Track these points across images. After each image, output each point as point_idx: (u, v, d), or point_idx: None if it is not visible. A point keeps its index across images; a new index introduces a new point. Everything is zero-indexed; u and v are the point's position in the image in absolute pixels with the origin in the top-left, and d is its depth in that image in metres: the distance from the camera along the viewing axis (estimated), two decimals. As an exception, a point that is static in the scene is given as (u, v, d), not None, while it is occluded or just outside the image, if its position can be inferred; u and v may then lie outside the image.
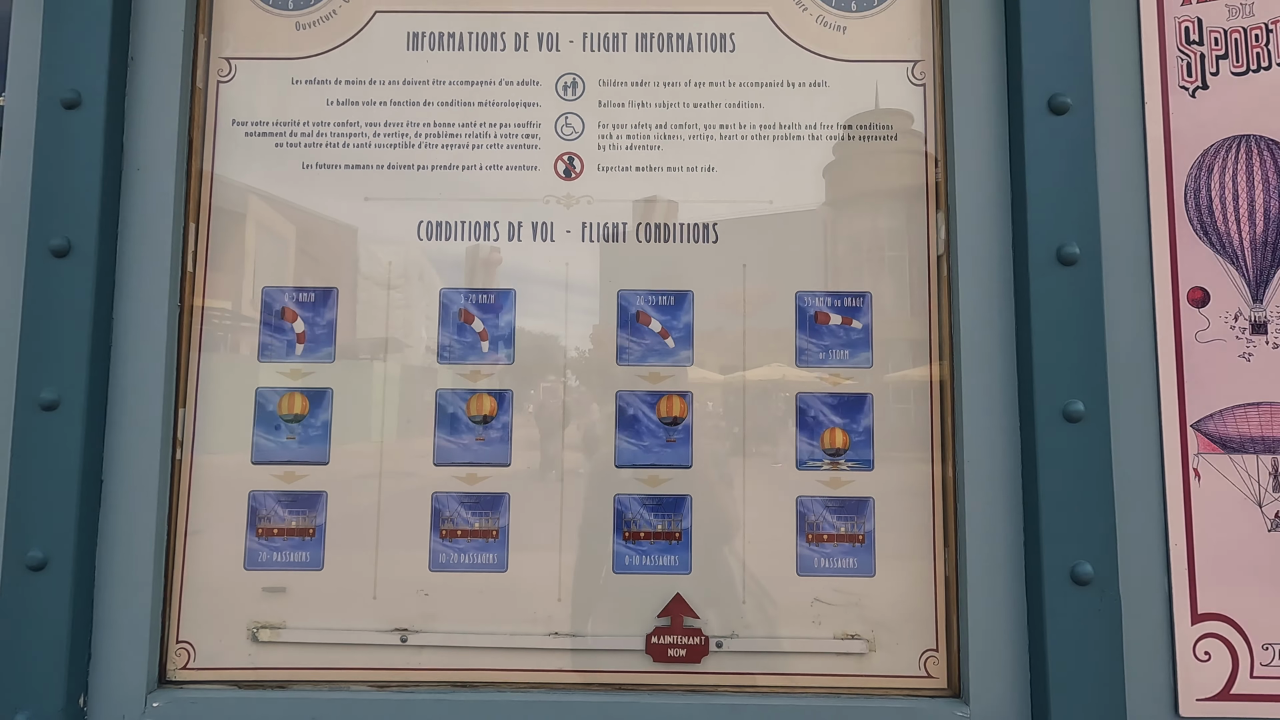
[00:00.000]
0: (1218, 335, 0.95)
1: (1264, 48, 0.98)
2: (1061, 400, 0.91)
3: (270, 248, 1.04)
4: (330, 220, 1.04)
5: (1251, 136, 0.97)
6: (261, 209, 1.04)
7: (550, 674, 0.96)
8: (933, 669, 0.96)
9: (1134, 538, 0.92)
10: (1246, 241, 0.96)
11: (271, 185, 1.03)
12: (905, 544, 0.98)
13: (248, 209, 1.03)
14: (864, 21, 1.05)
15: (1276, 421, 0.93)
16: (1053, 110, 0.94)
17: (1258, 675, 0.91)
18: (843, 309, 1.01)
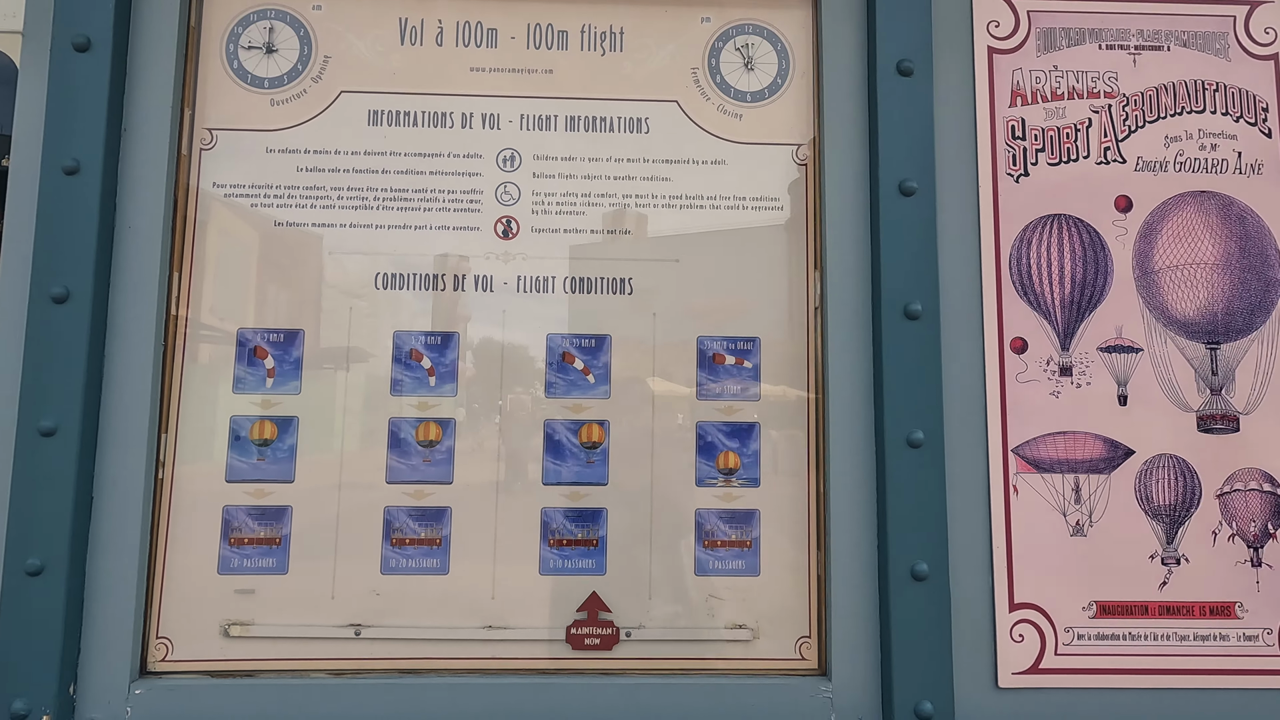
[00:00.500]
0: (1034, 377, 1.17)
1: (1073, 144, 1.21)
2: (906, 430, 1.12)
3: (245, 293, 1.19)
4: (298, 271, 1.20)
5: (1062, 215, 1.20)
6: (238, 260, 1.19)
7: (484, 661, 1.13)
8: (806, 653, 1.15)
9: (964, 542, 1.13)
10: (1057, 300, 1.18)
11: (247, 240, 1.19)
12: (785, 548, 1.18)
13: (226, 260, 1.19)
14: (757, 111, 1.25)
15: (1077, 447, 1.15)
16: (902, 192, 1.16)
17: (1060, 653, 1.12)
18: (736, 351, 1.21)
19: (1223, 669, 1.13)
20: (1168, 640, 1.13)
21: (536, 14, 1.25)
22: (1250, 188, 1.21)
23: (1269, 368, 1.18)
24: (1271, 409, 1.17)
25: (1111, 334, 1.18)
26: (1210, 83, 1.22)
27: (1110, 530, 1.14)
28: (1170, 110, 1.22)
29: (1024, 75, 1.22)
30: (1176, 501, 1.15)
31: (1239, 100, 1.22)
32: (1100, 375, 1.17)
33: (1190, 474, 1.16)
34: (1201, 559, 1.14)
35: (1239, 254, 1.19)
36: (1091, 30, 1.23)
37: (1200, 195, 1.20)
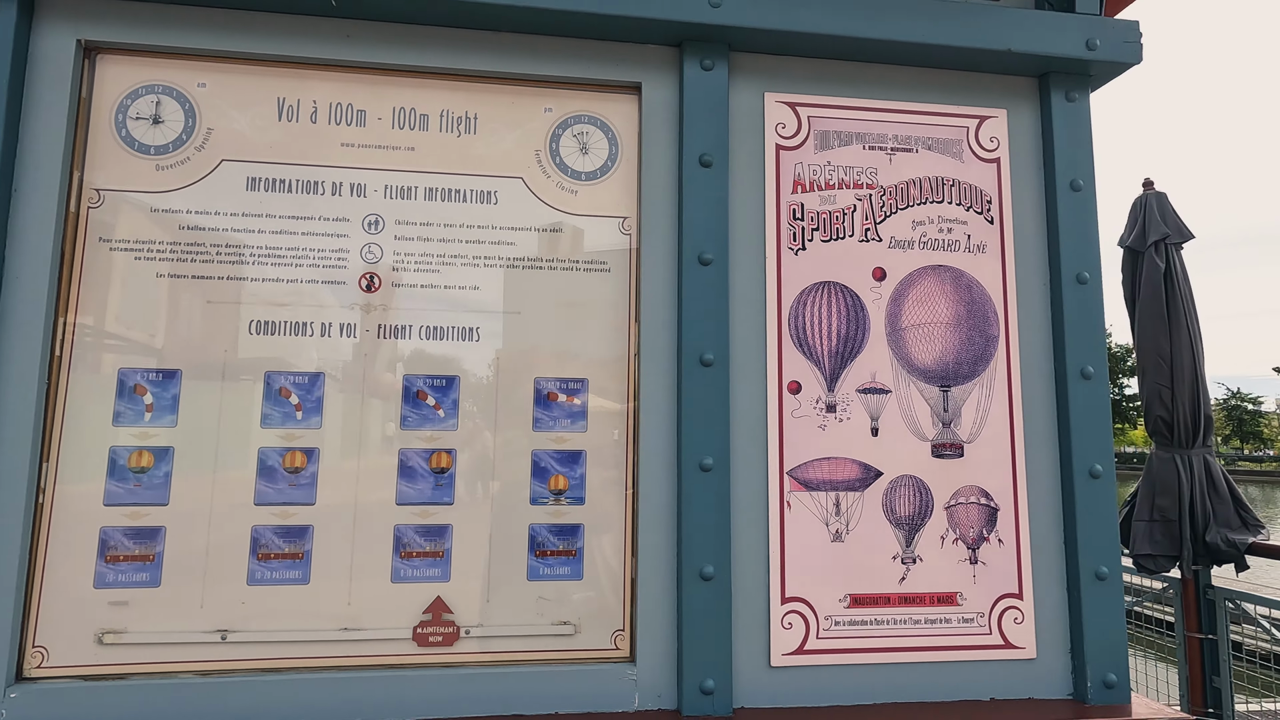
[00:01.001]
0: (806, 413, 1.44)
1: (841, 225, 1.50)
2: (699, 456, 1.37)
3: (127, 336, 1.34)
4: (178, 317, 1.36)
5: (831, 282, 1.48)
6: (120, 306, 1.34)
7: (340, 659, 1.31)
8: (619, 643, 1.38)
9: (745, 547, 1.39)
10: (826, 351, 1.46)
11: (129, 289, 1.34)
12: (604, 556, 1.40)
13: (108, 306, 1.33)
14: (590, 187, 1.50)
15: (838, 470, 1.43)
16: (701, 262, 1.42)
17: (821, 637, 1.39)
18: (567, 390, 1.44)
19: (947, 645, 1.42)
20: (905, 624, 1.42)
21: (401, 99, 1.46)
22: (976, 263, 1.53)
23: (988, 406, 1.50)
24: (988, 438, 1.49)
25: (868, 378, 1.47)
26: (948, 179, 1.55)
27: (862, 537, 1.43)
28: (917, 200, 1.53)
29: (804, 168, 1.51)
30: (914, 513, 1.45)
31: (970, 194, 1.55)
32: (858, 411, 1.46)
33: (925, 490, 1.46)
34: (932, 558, 1.44)
35: (967, 315, 1.51)
36: (857, 134, 1.53)
37: (938, 268, 1.52)
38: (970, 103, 1.58)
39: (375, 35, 1.43)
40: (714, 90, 1.47)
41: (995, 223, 1.55)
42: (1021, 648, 1.44)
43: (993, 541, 1.46)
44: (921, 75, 1.58)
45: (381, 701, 1.28)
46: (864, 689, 1.40)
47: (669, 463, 1.40)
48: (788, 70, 1.54)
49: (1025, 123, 1.59)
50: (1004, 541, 1.46)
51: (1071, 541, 1.47)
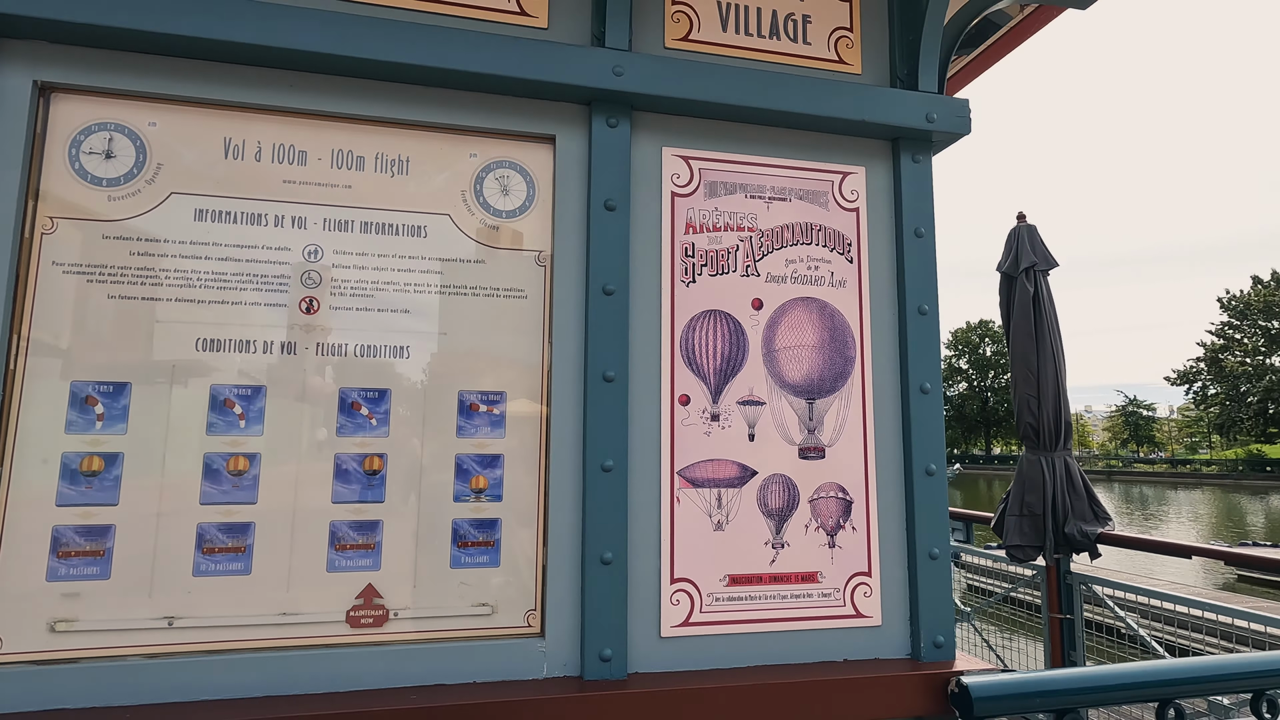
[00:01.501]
0: (694, 421, 1.70)
1: (725, 262, 1.77)
2: (601, 459, 1.60)
3: (79, 352, 1.47)
4: (129, 334, 1.49)
5: (716, 311, 1.75)
6: (72, 325, 1.47)
7: (279, 640, 1.47)
8: (531, 621, 1.60)
9: (641, 537, 1.63)
10: (711, 369, 1.73)
11: (81, 309, 1.47)
12: (519, 546, 1.62)
13: (62, 325, 1.46)
14: (510, 223, 1.71)
15: (720, 470, 1.70)
16: (605, 293, 1.66)
17: (703, 611, 1.64)
18: (488, 401, 1.65)
19: (809, 616, 1.70)
20: (774, 599, 1.69)
21: (340, 142, 1.64)
22: (838, 296, 1.83)
23: (845, 415, 1.79)
24: (846, 443, 1.78)
25: (746, 392, 1.74)
26: (816, 225, 1.84)
27: (740, 526, 1.69)
28: (789, 242, 1.82)
29: (695, 213, 1.77)
30: (783, 505, 1.72)
31: (833, 238, 1.84)
32: (737, 420, 1.72)
33: (793, 487, 1.73)
34: (798, 543, 1.72)
35: (829, 340, 1.80)
36: (741, 184, 1.81)
37: (806, 300, 1.80)
38: (835, 161, 1.88)
39: (316, 86, 1.61)
40: (618, 144, 1.71)
41: (854, 262, 1.85)
42: (870, 617, 1.74)
43: (848, 529, 1.75)
44: (796, 136, 1.87)
45: (317, 677, 1.45)
46: (740, 654, 1.66)
47: (576, 464, 1.63)
48: (683, 128, 1.80)
49: (880, 179, 1.91)
50: (857, 529, 1.76)
51: (910, 528, 1.78)
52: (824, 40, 1.92)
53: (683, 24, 1.83)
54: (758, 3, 1.89)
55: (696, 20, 1.84)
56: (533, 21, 1.73)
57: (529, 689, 1.51)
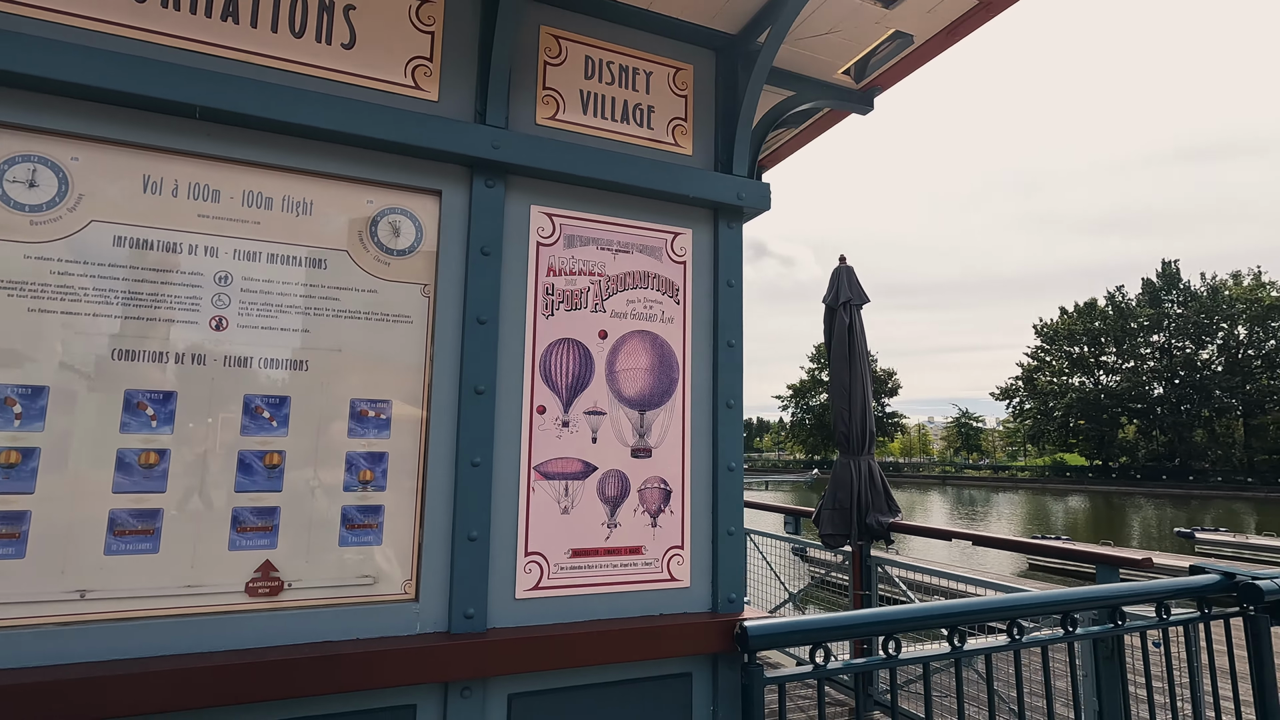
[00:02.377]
0: (548, 427, 2.13)
1: (578, 300, 2.22)
2: (471, 456, 1.99)
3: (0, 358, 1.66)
4: (47, 344, 1.70)
5: (570, 339, 2.19)
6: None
7: (184, 609, 1.73)
8: (408, 589, 1.95)
9: (502, 519, 2.03)
10: (563, 385, 2.16)
11: (2, 321, 1.66)
12: (400, 527, 1.96)
13: (-18, 334, 1.64)
14: (400, 260, 2.06)
15: (567, 466, 2.13)
16: (479, 322, 2.05)
17: (551, 578, 2.07)
18: (375, 408, 1.98)
19: (635, 580, 2.18)
20: (608, 568, 2.15)
21: (251, 184, 1.92)
22: (667, 330, 2.33)
23: (669, 423, 2.29)
24: (668, 445, 2.28)
25: (591, 404, 2.19)
26: (652, 273, 2.33)
27: (582, 510, 2.14)
28: (631, 286, 2.30)
29: (555, 259, 2.20)
30: (617, 494, 2.19)
31: (665, 284, 2.35)
32: (583, 426, 2.17)
33: (625, 479, 2.21)
34: (628, 523, 2.19)
35: (659, 364, 2.30)
36: (593, 238, 2.27)
37: (642, 332, 2.29)
38: (669, 223, 2.39)
39: (232, 136, 1.88)
40: (494, 202, 2.11)
41: (680, 304, 2.37)
42: (681, 580, 2.24)
43: (667, 512, 2.25)
44: (640, 202, 2.36)
45: (219, 637, 1.73)
46: (581, 610, 2.10)
47: (450, 461, 2.00)
48: (549, 190, 2.23)
49: (703, 239, 2.44)
50: (674, 512, 2.26)
51: (715, 512, 2.31)
52: (664, 127, 2.42)
53: (551, 105, 2.27)
54: (612, 93, 2.36)
55: (562, 102, 2.29)
56: (426, 95, 2.09)
57: (403, 641, 1.86)
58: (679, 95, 2.47)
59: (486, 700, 1.93)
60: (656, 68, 2.45)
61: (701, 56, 2.51)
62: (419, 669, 1.85)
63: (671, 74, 2.47)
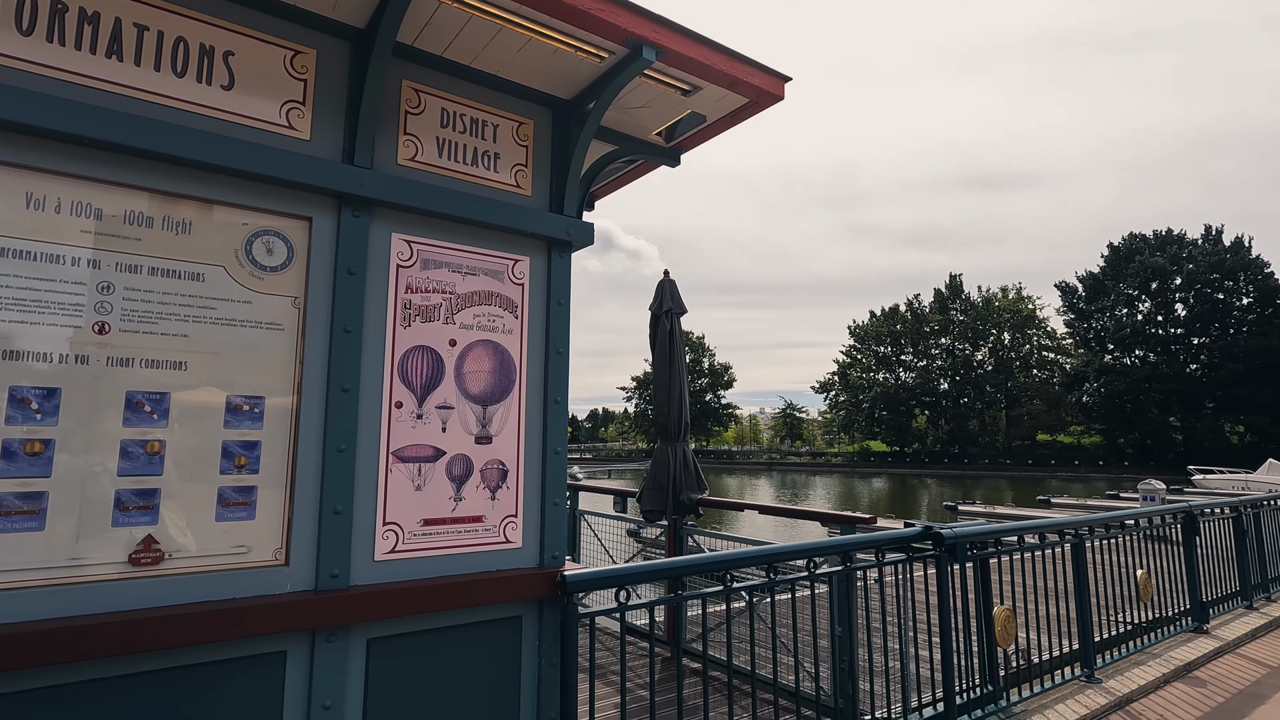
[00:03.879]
0: (405, 419, 2.57)
1: (432, 314, 2.67)
2: (337, 444, 2.39)
3: (-122, 357, 1.80)
4: (-71, 344, 1.86)
5: (424, 346, 2.64)
6: (-127, 335, 1.80)
7: (71, 579, 1.98)
8: (278, 556, 2.31)
9: (364, 495, 2.45)
10: (418, 384, 2.61)
11: (-116, 322, 1.81)
12: (272, 503, 2.31)
13: None
14: (272, 275, 2.39)
15: (420, 451, 2.59)
16: (345, 331, 2.44)
17: (405, 544, 2.52)
18: (249, 401, 2.31)
19: (477, 544, 2.68)
20: (454, 534, 2.64)
21: (133, 204, 2.17)
22: (508, 340, 2.85)
23: (507, 416, 2.81)
24: (506, 433, 2.80)
25: (442, 401, 2.66)
26: (496, 293, 2.84)
27: (433, 487, 2.60)
28: (477, 303, 2.79)
29: (413, 279, 2.64)
30: (463, 474, 2.68)
31: (507, 302, 2.86)
32: (434, 419, 2.64)
33: (470, 461, 2.70)
34: (471, 498, 2.69)
35: (500, 368, 2.81)
36: (447, 262, 2.73)
37: (486, 341, 2.79)
38: (511, 252, 2.90)
39: (116, 162, 2.12)
40: (359, 229, 2.51)
41: (519, 318, 2.90)
42: (514, 543, 2.78)
43: (505, 488, 2.78)
44: (487, 233, 2.84)
45: (105, 600, 2.01)
46: (431, 569, 2.57)
47: (318, 447, 2.38)
48: (409, 220, 2.66)
49: (539, 265, 2.98)
50: (510, 488, 2.79)
51: (544, 487, 2.87)
52: (509, 171, 2.93)
53: (411, 148, 2.69)
54: (464, 140, 2.83)
55: (421, 146, 2.72)
56: (298, 134, 2.44)
57: (274, 599, 2.23)
58: (521, 145, 2.99)
59: (349, 644, 2.36)
60: (503, 121, 2.94)
61: (541, 114, 3.04)
62: (287, 620, 2.23)
63: (516, 127, 2.98)
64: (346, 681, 2.33)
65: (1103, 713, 4.57)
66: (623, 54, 2.72)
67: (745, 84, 2.89)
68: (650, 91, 3.03)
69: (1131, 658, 5.58)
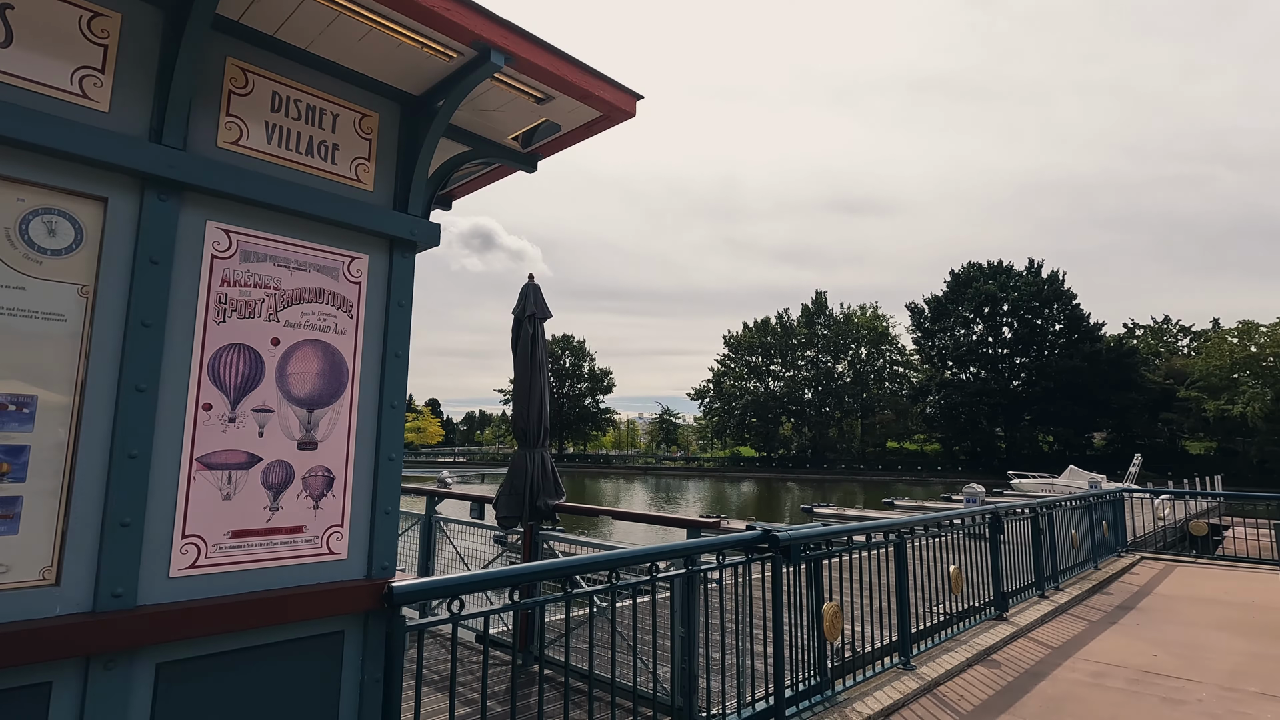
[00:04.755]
0: (214, 423, 2.37)
1: (252, 309, 2.49)
2: (129, 449, 2.16)
3: None
4: None
5: (241, 344, 2.45)
6: None
7: None
8: (47, 575, 2.05)
9: (160, 505, 2.23)
10: (232, 385, 2.42)
11: None
12: (41, 515, 2.05)
13: None
14: (54, 259, 2.13)
15: (231, 457, 2.40)
16: (144, 325, 2.22)
17: (209, 557, 2.32)
18: (17, 401, 2.04)
19: (295, 556, 2.52)
20: (270, 546, 2.46)
21: None
22: (340, 340, 2.71)
23: (336, 420, 2.68)
24: (334, 439, 2.66)
25: (260, 403, 2.49)
26: (328, 290, 2.69)
27: (245, 496, 2.42)
28: (306, 300, 2.63)
29: (231, 272, 2.45)
30: (281, 481, 2.52)
31: (340, 300, 2.73)
32: (250, 423, 2.46)
33: (290, 468, 2.54)
34: (290, 507, 2.53)
35: (329, 370, 2.67)
36: (271, 255, 2.55)
37: (314, 341, 2.64)
38: (347, 248, 2.77)
39: None
40: (167, 215, 2.29)
41: (354, 318, 2.77)
42: (339, 553, 2.65)
43: (329, 496, 2.64)
44: (320, 227, 2.69)
45: None
46: (241, 585, 2.38)
47: (105, 453, 2.14)
48: (228, 208, 2.46)
49: (379, 265, 2.86)
50: (336, 496, 2.66)
51: (375, 495, 2.75)
52: (348, 164, 2.80)
53: (234, 131, 2.50)
54: (298, 128, 2.67)
55: (246, 130, 2.53)
56: (95, 106, 2.19)
57: (38, 623, 1.98)
58: (364, 138, 2.86)
59: (133, 670, 2.13)
60: (344, 111, 2.81)
61: (388, 108, 2.93)
62: (53, 647, 1.99)
63: (358, 118, 2.85)
64: (128, 714, 2.11)
65: (914, 696, 5.05)
66: (471, 55, 2.68)
67: (597, 98, 2.94)
68: (504, 96, 3.00)
69: (943, 645, 6.21)
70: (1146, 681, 5.56)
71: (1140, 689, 5.39)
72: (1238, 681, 5.58)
